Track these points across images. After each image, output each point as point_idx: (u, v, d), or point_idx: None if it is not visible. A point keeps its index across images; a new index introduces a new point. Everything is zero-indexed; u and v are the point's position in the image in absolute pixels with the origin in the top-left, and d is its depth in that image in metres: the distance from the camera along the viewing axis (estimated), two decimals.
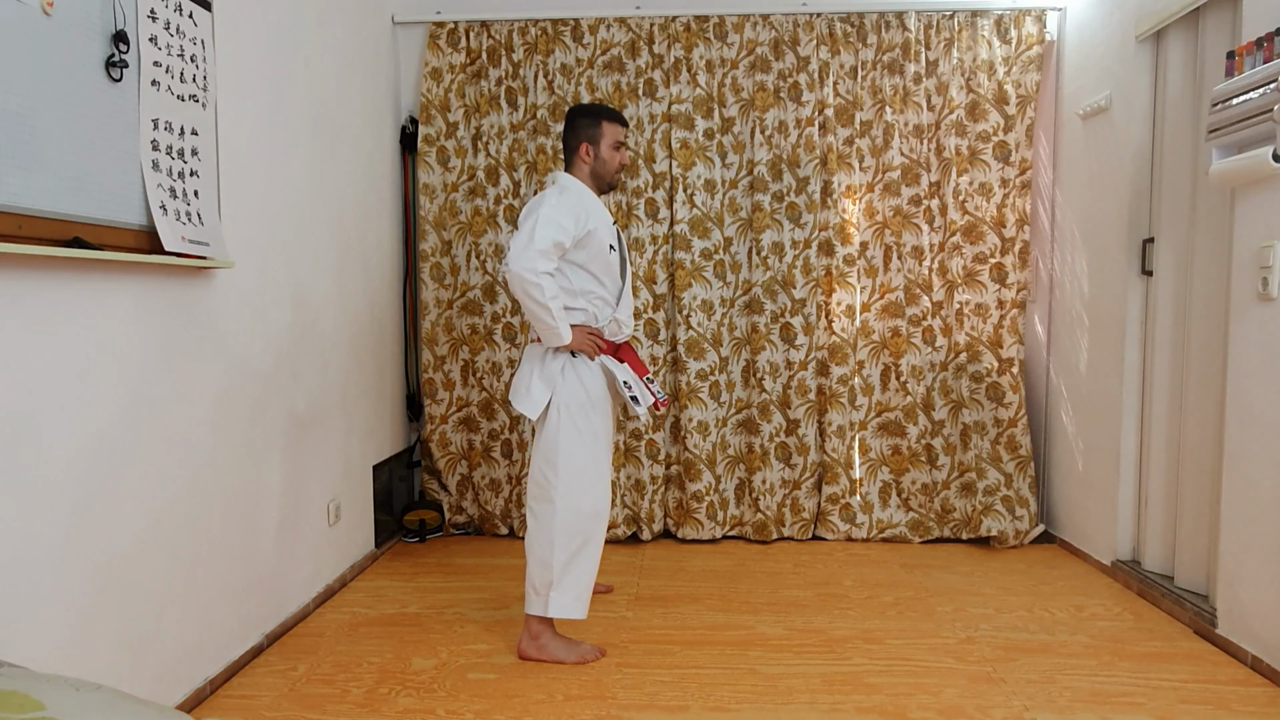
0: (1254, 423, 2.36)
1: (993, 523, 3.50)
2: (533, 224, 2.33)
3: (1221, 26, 2.63)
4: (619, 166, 2.59)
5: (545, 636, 2.45)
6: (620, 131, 2.57)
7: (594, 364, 2.49)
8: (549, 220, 2.35)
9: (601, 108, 2.58)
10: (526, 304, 2.34)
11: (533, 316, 2.37)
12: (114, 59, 1.81)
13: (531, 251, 2.29)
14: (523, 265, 2.28)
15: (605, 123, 2.54)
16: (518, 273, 2.28)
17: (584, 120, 2.55)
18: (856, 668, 2.36)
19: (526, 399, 2.46)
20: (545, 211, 2.36)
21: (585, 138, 2.53)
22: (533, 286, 2.30)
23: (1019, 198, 3.55)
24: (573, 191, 2.48)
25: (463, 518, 3.76)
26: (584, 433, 2.45)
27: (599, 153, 2.53)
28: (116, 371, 1.86)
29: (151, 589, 1.97)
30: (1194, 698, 2.18)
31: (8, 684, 0.92)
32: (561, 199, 2.42)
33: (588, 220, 2.43)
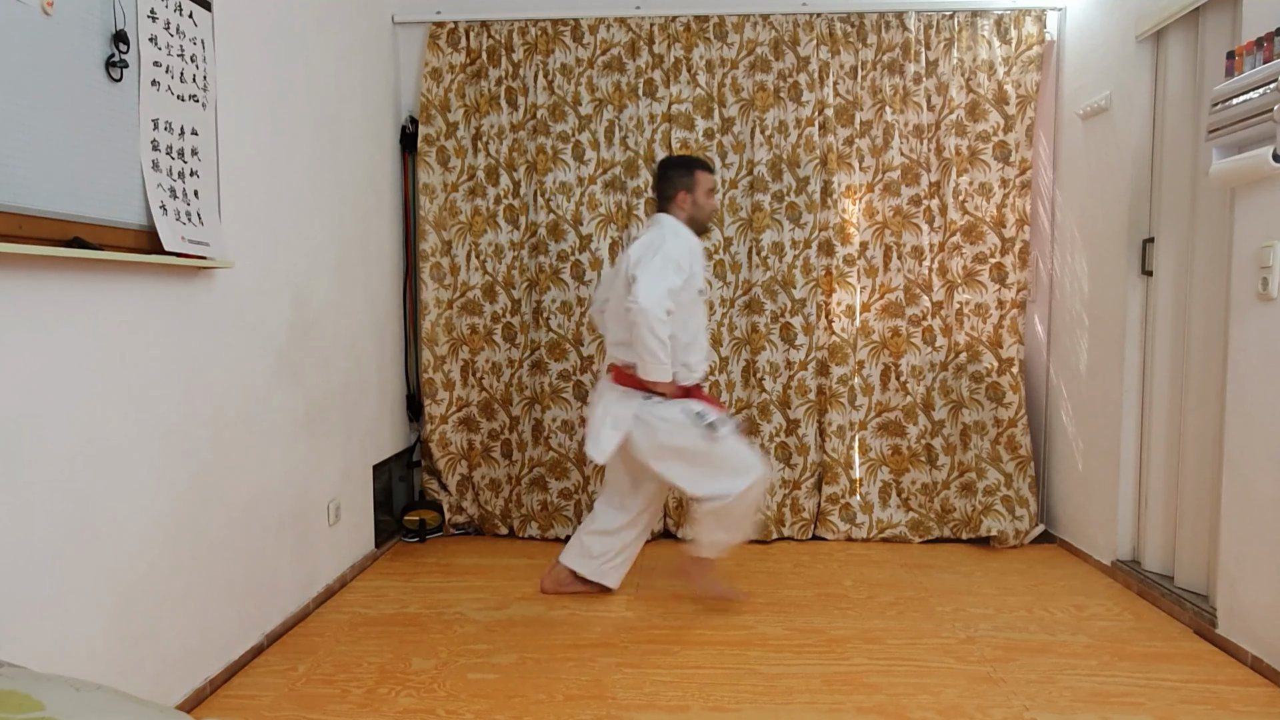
0: (1254, 423, 2.36)
1: (993, 523, 3.50)
2: (661, 263, 2.51)
3: (1221, 26, 2.63)
4: (711, 212, 2.83)
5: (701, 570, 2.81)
6: (712, 179, 2.81)
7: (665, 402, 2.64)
8: (674, 262, 2.55)
9: (693, 158, 2.81)
10: (647, 339, 2.48)
11: (647, 351, 2.51)
12: (114, 59, 1.81)
13: (661, 289, 2.47)
14: (653, 302, 2.45)
15: (699, 172, 2.76)
16: (648, 308, 2.44)
17: (678, 170, 2.77)
18: (856, 668, 2.37)
19: (596, 442, 2.64)
20: (669, 250, 2.56)
21: (682, 186, 2.74)
22: (658, 324, 2.46)
23: (1019, 198, 3.56)
24: (685, 233, 2.71)
25: (463, 518, 3.76)
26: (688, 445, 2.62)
27: (696, 199, 2.75)
28: (116, 371, 1.86)
29: (151, 589, 1.97)
30: (1194, 698, 2.18)
31: (8, 684, 0.92)
32: (679, 241, 2.64)
33: (693, 264, 2.65)
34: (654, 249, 2.56)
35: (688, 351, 2.67)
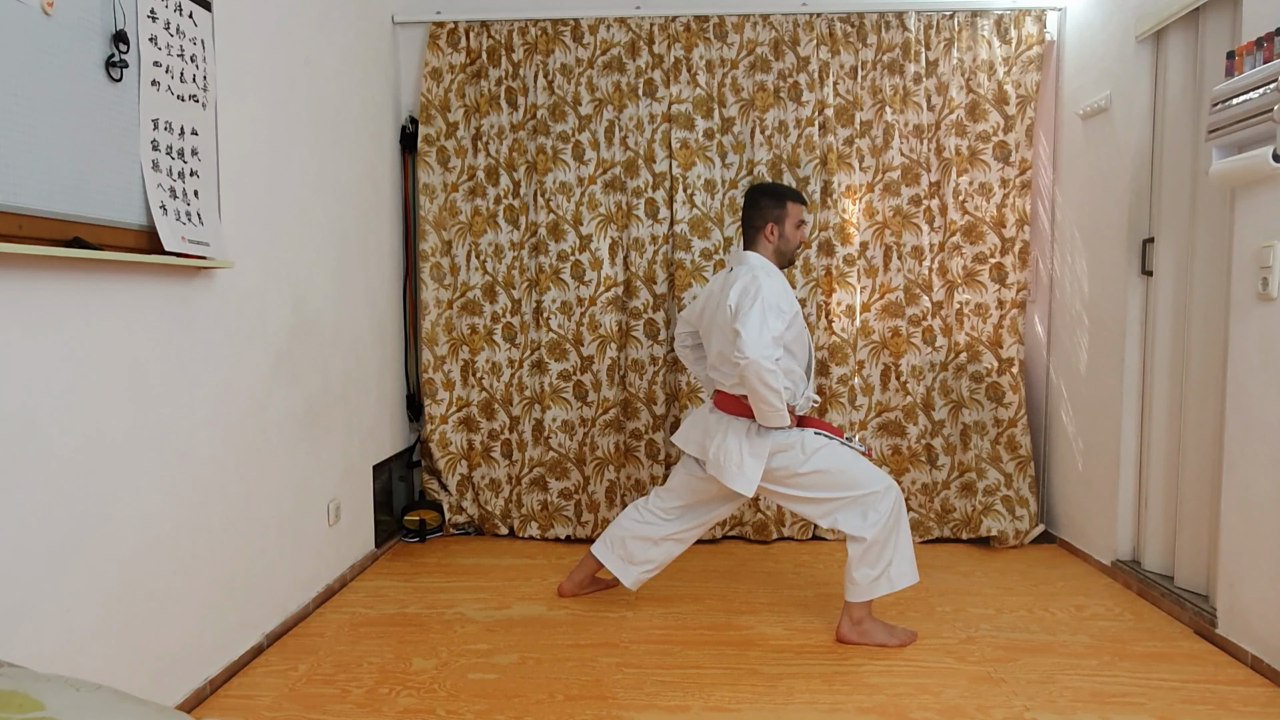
0: (1254, 423, 2.36)
1: (993, 523, 3.50)
2: (761, 311, 2.40)
3: (1221, 26, 2.63)
4: (800, 244, 2.75)
5: (866, 622, 2.55)
6: (802, 211, 2.70)
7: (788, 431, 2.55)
8: (774, 306, 2.43)
9: (785, 189, 2.70)
10: (760, 390, 2.39)
11: (762, 400, 2.42)
12: (114, 59, 1.81)
13: (767, 338, 2.37)
14: (760, 353, 2.34)
15: (790, 203, 2.66)
16: (757, 360, 2.34)
17: (768, 201, 2.66)
18: (857, 668, 2.37)
19: (741, 478, 2.52)
20: (768, 297, 2.44)
21: (771, 218, 2.64)
22: (769, 375, 2.36)
23: (1019, 198, 3.56)
24: (777, 274, 2.59)
25: (463, 518, 3.76)
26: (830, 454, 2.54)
27: (784, 232, 2.65)
28: (116, 371, 1.86)
29: (151, 589, 1.97)
30: (1194, 698, 2.18)
31: (8, 684, 0.92)
32: (773, 283, 2.51)
33: (793, 302, 2.55)
34: (751, 297, 2.44)
35: (808, 385, 2.63)
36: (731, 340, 2.44)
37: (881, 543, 2.49)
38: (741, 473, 2.52)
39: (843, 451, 2.56)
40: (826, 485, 2.54)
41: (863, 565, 2.50)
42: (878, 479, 2.54)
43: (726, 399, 2.62)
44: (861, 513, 2.51)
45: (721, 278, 2.71)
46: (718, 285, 2.69)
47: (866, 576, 2.50)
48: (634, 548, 2.81)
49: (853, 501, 2.52)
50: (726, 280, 2.61)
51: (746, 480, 2.51)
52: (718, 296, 2.62)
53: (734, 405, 2.60)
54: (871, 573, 2.50)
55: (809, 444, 2.55)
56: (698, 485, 2.75)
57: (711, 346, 2.67)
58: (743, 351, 2.36)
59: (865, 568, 2.50)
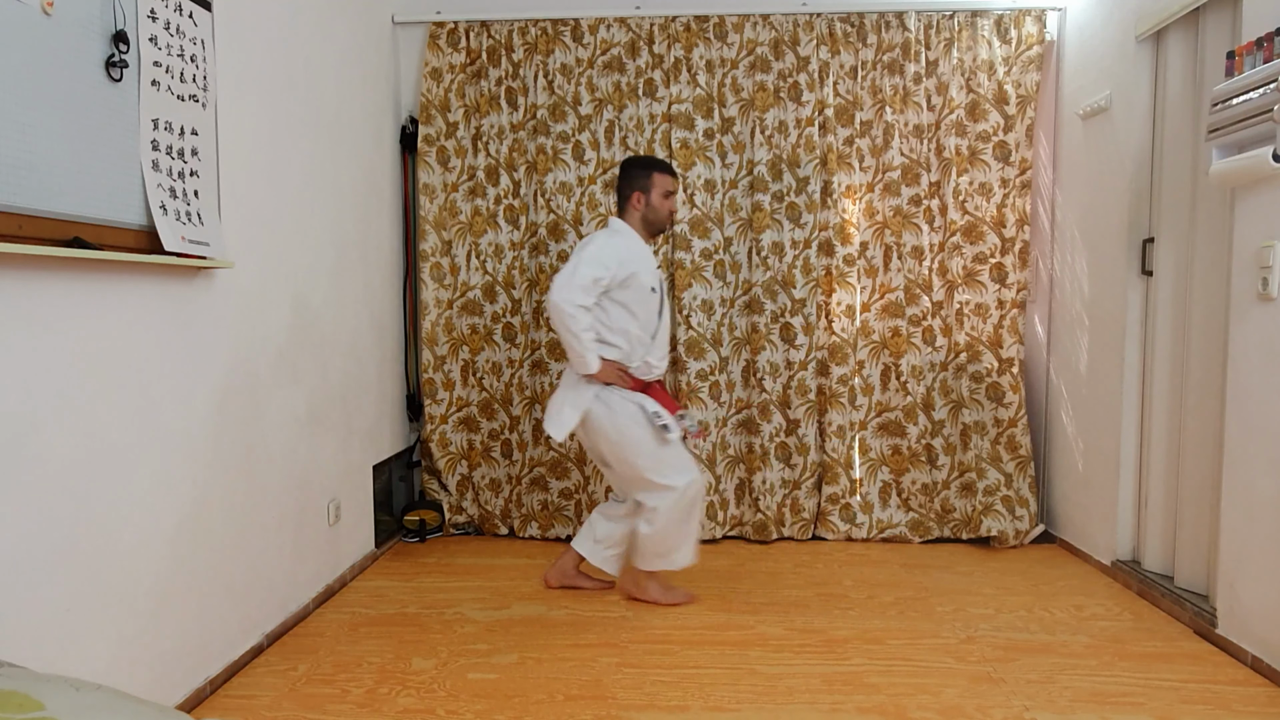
0: (1254, 423, 2.36)
1: (993, 523, 3.50)
2: (577, 261, 2.65)
3: (1221, 26, 2.63)
4: (668, 214, 2.87)
5: (644, 580, 2.85)
6: (670, 182, 2.85)
7: (624, 392, 2.74)
8: (593, 259, 2.65)
9: (653, 160, 2.87)
10: (561, 333, 2.65)
11: (565, 344, 2.67)
12: (114, 59, 1.81)
13: (573, 285, 2.60)
14: (562, 297, 2.59)
15: (656, 174, 2.82)
16: (556, 303, 2.59)
17: (637, 171, 2.83)
18: (857, 668, 2.37)
19: (556, 420, 2.75)
20: (591, 250, 2.67)
21: (638, 187, 2.82)
22: (568, 318, 2.59)
23: (1019, 198, 3.56)
24: (622, 236, 2.79)
25: (463, 518, 3.76)
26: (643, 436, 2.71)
27: (649, 201, 2.81)
28: (116, 371, 1.85)
29: (151, 589, 1.97)
30: (1194, 698, 2.18)
31: (8, 684, 0.92)
32: (609, 241, 2.74)
33: (632, 263, 2.71)
34: (579, 249, 2.71)
35: (646, 349, 2.78)
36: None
37: (665, 531, 2.72)
38: (559, 418, 2.73)
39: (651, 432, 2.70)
40: (629, 460, 2.73)
41: (650, 542, 2.74)
42: (680, 470, 2.72)
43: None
44: (660, 496, 2.70)
45: None
46: None
47: (652, 551, 2.76)
48: (599, 527, 2.96)
49: (650, 486, 2.72)
50: None
51: (560, 424, 2.73)
52: None
53: None
54: (657, 551, 2.76)
55: (623, 414, 2.71)
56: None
57: None
58: (549, 294, 2.61)
59: (651, 545, 2.74)
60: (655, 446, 2.72)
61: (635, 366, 2.77)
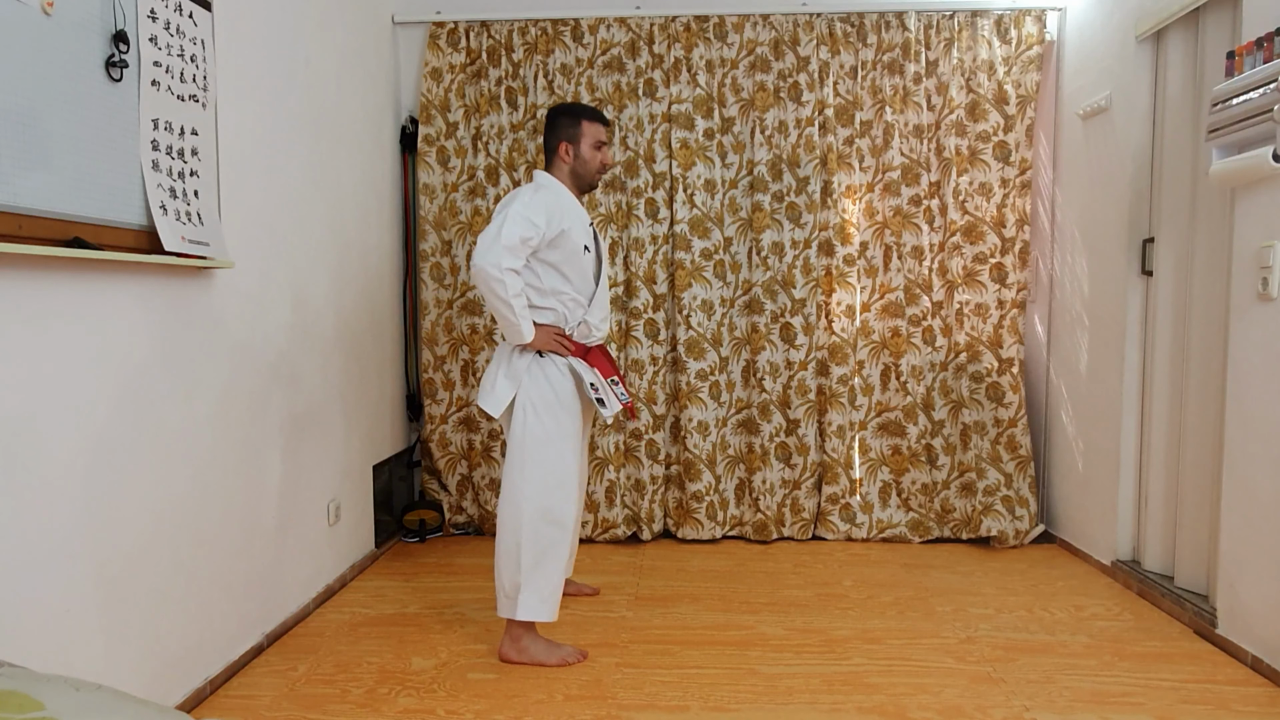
0: (1254, 423, 2.36)
1: (993, 523, 3.50)
2: (501, 220, 2.31)
3: (1221, 26, 2.63)
4: (600, 167, 2.57)
5: (526, 639, 2.42)
6: (601, 131, 2.55)
7: (561, 364, 2.46)
8: (518, 217, 2.32)
9: (582, 107, 2.56)
10: (489, 299, 2.33)
11: (495, 312, 2.36)
12: (114, 59, 1.81)
13: (498, 247, 2.27)
14: (487, 260, 2.26)
15: (585, 122, 2.52)
16: (481, 267, 2.27)
17: (564, 120, 2.53)
18: (857, 668, 2.36)
19: (490, 396, 2.46)
20: (516, 208, 2.33)
21: (565, 137, 2.52)
22: (495, 282, 2.27)
23: (1019, 198, 3.56)
24: (548, 190, 2.46)
25: (463, 518, 3.76)
26: (552, 434, 2.42)
27: (579, 152, 2.52)
28: (117, 371, 1.85)
29: (151, 589, 1.97)
30: (1194, 698, 2.18)
31: (8, 684, 0.92)
32: (535, 197, 2.39)
33: (561, 219, 2.41)
34: (501, 208, 2.37)
35: (587, 311, 2.51)
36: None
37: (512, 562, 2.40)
38: (493, 391, 2.45)
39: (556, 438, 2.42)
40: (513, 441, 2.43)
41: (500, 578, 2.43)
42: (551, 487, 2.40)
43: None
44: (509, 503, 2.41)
45: None
46: None
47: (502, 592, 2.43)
48: None
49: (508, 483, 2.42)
50: None
51: (495, 399, 2.43)
52: None
53: None
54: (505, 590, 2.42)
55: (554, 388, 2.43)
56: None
57: None
58: (472, 258, 2.30)
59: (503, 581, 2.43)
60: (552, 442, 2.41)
61: (573, 329, 2.48)
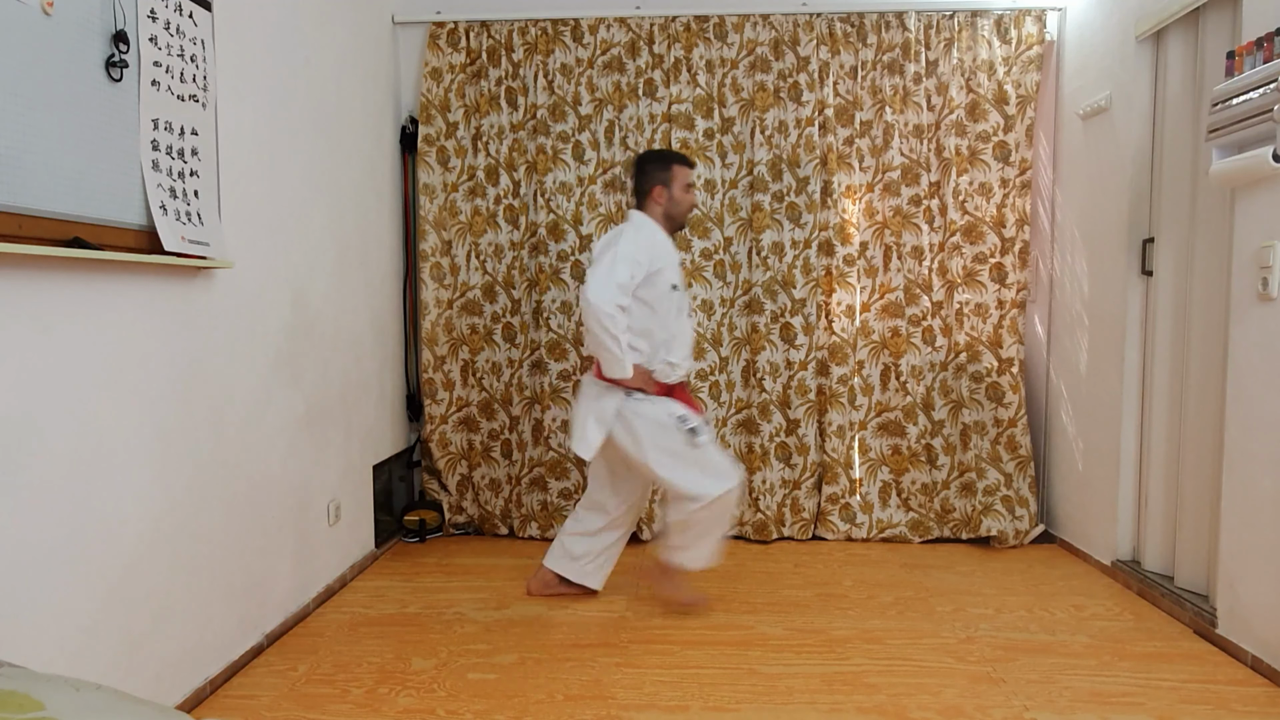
0: (1254, 423, 2.36)
1: (993, 523, 3.50)
2: (612, 257, 2.50)
3: (1221, 26, 2.63)
4: (689, 207, 2.77)
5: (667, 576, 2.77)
6: (690, 174, 2.75)
7: (650, 399, 2.62)
8: (627, 256, 2.51)
9: (672, 153, 2.77)
10: (599, 334, 2.47)
11: (601, 347, 2.51)
12: (114, 59, 1.81)
13: (611, 285, 2.45)
14: (601, 297, 2.43)
15: (676, 166, 2.72)
16: (595, 304, 2.42)
17: (655, 165, 2.73)
18: (857, 668, 2.36)
19: (583, 442, 2.63)
20: (623, 247, 2.52)
21: (658, 180, 2.71)
22: (607, 318, 2.44)
23: (1019, 198, 3.56)
24: (649, 229, 2.66)
25: (463, 518, 3.76)
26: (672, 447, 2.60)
27: (672, 194, 2.71)
28: (116, 371, 1.85)
29: (152, 589, 1.97)
30: (1194, 698, 2.18)
31: (8, 684, 0.92)
32: (638, 235, 2.60)
33: (659, 258, 2.60)
34: (608, 245, 2.57)
35: (668, 350, 2.64)
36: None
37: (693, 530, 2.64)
38: (584, 437, 2.61)
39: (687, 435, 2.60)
40: (660, 475, 2.61)
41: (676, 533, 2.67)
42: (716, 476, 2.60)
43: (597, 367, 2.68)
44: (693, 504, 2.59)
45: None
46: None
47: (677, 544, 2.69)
48: (571, 544, 2.89)
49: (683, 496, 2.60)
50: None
51: (587, 445, 2.60)
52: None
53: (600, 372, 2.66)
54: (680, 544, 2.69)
55: (654, 420, 2.60)
56: (597, 464, 2.82)
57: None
58: (585, 294, 2.44)
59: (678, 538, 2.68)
60: (687, 455, 2.59)
61: (657, 369, 2.63)
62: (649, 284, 2.57)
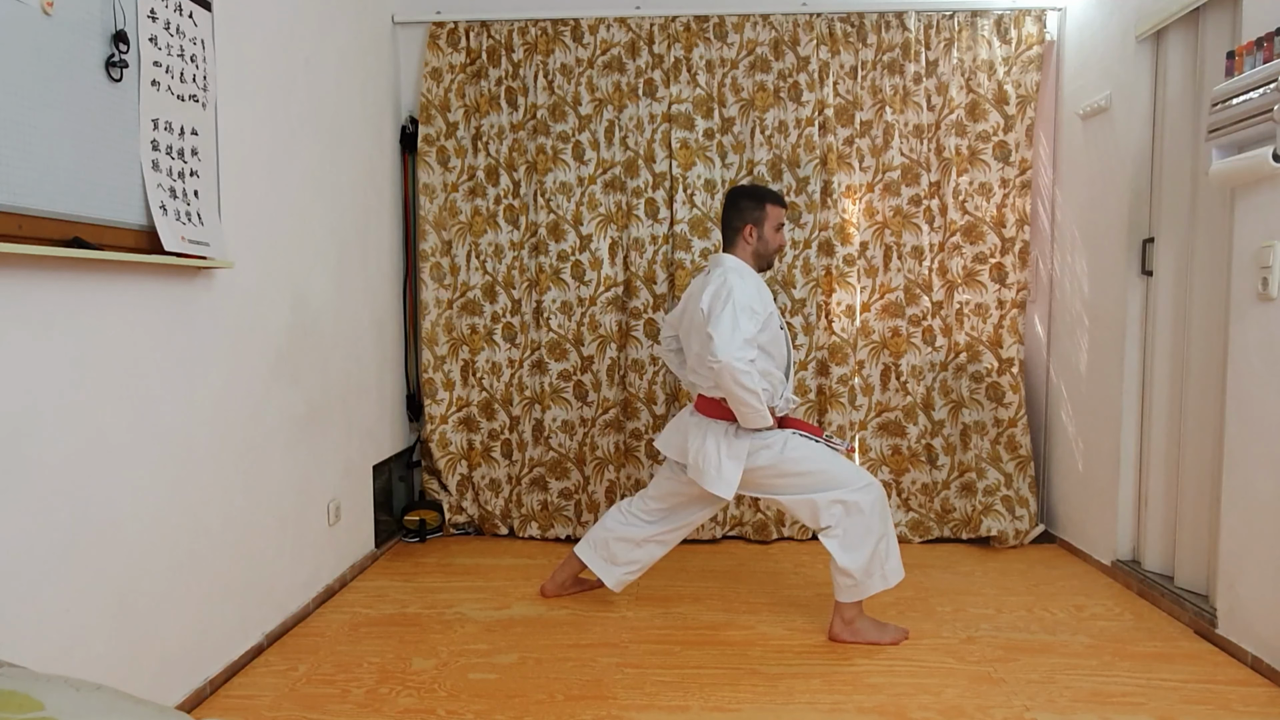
0: (1254, 423, 2.36)
1: (993, 523, 3.50)
2: (733, 312, 2.41)
3: (1221, 26, 2.63)
4: (780, 248, 2.69)
5: (859, 620, 2.56)
6: (782, 214, 2.67)
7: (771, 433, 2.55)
8: (746, 308, 2.43)
9: (766, 191, 2.67)
10: (737, 392, 2.40)
11: (741, 403, 2.43)
12: (114, 59, 1.81)
13: (739, 340, 2.37)
14: (733, 355, 2.35)
15: (770, 206, 2.63)
16: (729, 363, 2.35)
17: (748, 203, 2.63)
18: (857, 668, 2.36)
19: (720, 481, 2.53)
20: (740, 299, 2.43)
21: (750, 220, 2.62)
22: (744, 375, 2.36)
23: (1019, 198, 3.56)
24: (751, 276, 2.58)
25: (463, 518, 3.76)
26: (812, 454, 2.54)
27: (763, 234, 2.63)
28: (116, 371, 1.85)
29: (151, 589, 1.97)
30: (1194, 697, 2.18)
31: (8, 684, 0.92)
32: (746, 284, 2.50)
33: (768, 302, 2.56)
34: (723, 299, 2.45)
35: (786, 386, 2.62)
36: (706, 344, 2.44)
37: (868, 544, 2.49)
38: (720, 476, 2.52)
39: (822, 451, 2.57)
40: (808, 487, 2.53)
41: (856, 564, 2.48)
42: (859, 478, 2.53)
43: (706, 402, 2.62)
44: (845, 511, 2.51)
45: (699, 280, 2.68)
46: (696, 288, 2.67)
47: (863, 572, 2.49)
48: (617, 549, 2.81)
49: (834, 504, 2.51)
50: (702, 283, 2.61)
51: (725, 483, 2.52)
52: (695, 300, 2.60)
53: (713, 408, 2.60)
54: (869, 570, 2.49)
55: (789, 445, 2.55)
56: (679, 488, 2.74)
57: (690, 349, 2.66)
58: (715, 355, 2.37)
59: (860, 567, 2.48)
60: (828, 461, 2.53)
61: (779, 407, 2.59)
62: (764, 329, 2.51)
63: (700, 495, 2.72)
